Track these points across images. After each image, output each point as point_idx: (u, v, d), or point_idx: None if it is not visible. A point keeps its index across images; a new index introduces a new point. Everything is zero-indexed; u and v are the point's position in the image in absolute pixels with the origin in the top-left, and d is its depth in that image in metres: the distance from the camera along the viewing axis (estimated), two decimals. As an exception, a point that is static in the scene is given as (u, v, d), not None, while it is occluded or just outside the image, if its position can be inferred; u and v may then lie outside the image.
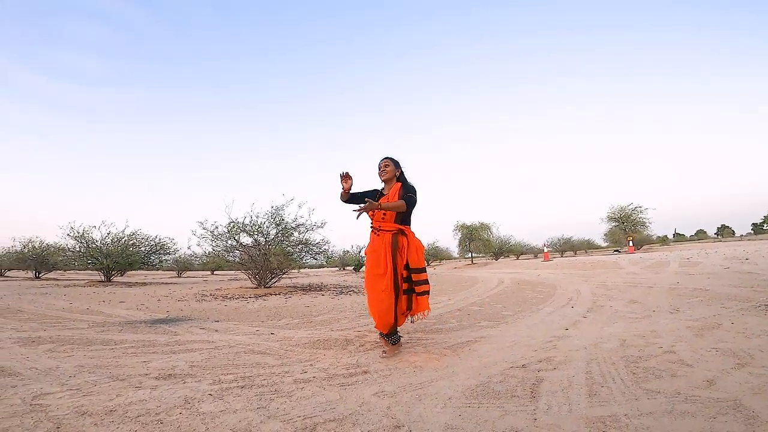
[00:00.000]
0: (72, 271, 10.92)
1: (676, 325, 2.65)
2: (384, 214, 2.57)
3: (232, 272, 17.73)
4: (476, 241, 20.93)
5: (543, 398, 1.55)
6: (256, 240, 8.06)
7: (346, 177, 2.68)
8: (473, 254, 22.76)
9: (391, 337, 2.50)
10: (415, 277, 2.49)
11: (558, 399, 1.53)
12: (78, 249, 10.23)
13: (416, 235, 2.63)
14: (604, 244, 33.06)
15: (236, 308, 5.08)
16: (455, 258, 26.91)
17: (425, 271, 2.57)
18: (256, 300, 6.22)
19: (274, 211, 8.36)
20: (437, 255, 28.24)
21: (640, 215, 24.15)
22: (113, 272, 10.57)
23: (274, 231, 8.23)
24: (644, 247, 27.92)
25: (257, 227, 8.15)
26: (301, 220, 8.41)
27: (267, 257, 7.77)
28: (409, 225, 2.63)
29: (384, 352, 2.44)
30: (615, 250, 27.90)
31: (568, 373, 1.78)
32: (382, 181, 2.77)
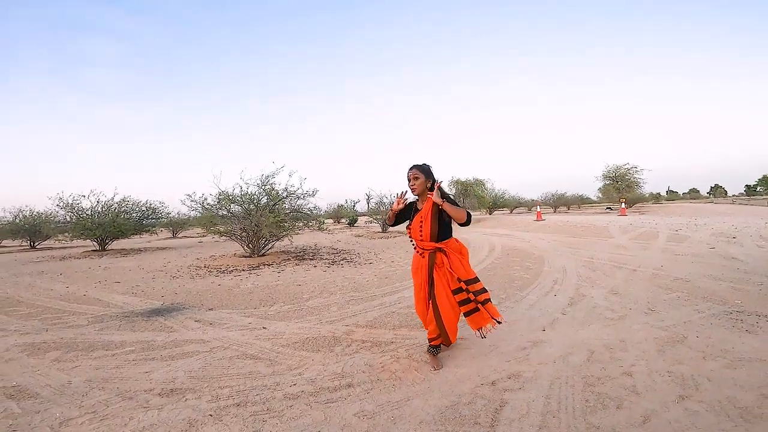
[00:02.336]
0: (66, 238, 10.97)
1: (646, 334, 2.80)
2: (422, 231, 2.47)
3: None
4: (471, 197, 21.01)
5: (500, 427, 1.69)
6: (246, 209, 8.07)
7: (399, 199, 2.54)
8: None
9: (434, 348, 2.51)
10: (471, 287, 2.41)
11: (513, 430, 1.67)
12: (69, 219, 10.23)
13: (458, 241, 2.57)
14: (597, 201, 33.38)
15: (229, 289, 5.23)
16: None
17: (478, 281, 2.48)
18: (249, 275, 6.38)
19: (264, 179, 8.28)
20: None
21: (635, 175, 24.15)
22: (107, 241, 10.68)
23: (265, 200, 8.22)
24: (637, 205, 28.29)
25: (248, 197, 8.12)
26: (291, 189, 8.39)
27: (258, 228, 7.83)
28: (450, 238, 2.53)
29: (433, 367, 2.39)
30: (608, 207, 28.30)
31: (530, 396, 1.93)
32: (415, 195, 2.59)
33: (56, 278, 6.75)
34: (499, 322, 2.42)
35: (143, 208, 11.57)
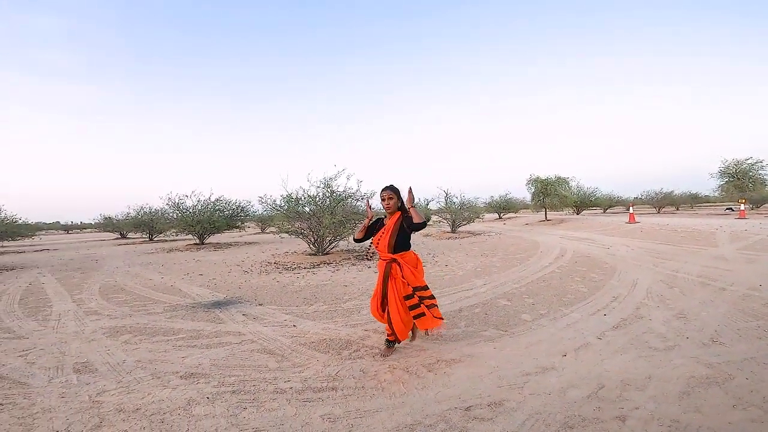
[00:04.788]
0: (175, 232, 13.18)
1: (684, 370, 2.37)
2: (379, 242, 2.90)
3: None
4: (551, 196, 19.39)
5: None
6: (311, 210, 8.70)
7: (369, 213, 3.06)
8: (548, 211, 21.23)
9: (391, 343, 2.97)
10: (420, 294, 2.84)
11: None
12: (175, 216, 12.25)
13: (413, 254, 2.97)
14: (714, 201, 28.00)
15: (284, 286, 5.75)
16: (529, 207, 25.48)
17: (428, 289, 2.90)
18: (306, 273, 6.90)
19: (326, 181, 8.83)
20: (509, 207, 27.00)
21: (759, 171, 19.52)
22: (205, 235, 12.51)
23: (328, 201, 8.77)
24: (765, 206, 23.03)
25: (311, 198, 8.75)
26: (350, 191, 8.79)
27: (320, 228, 8.39)
28: (407, 251, 2.93)
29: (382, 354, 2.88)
30: (728, 208, 23.56)
31: (494, 429, 1.82)
32: (388, 213, 2.96)
33: (157, 269, 8.18)
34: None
35: (233, 207, 13.23)
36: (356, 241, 3.00)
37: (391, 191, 2.91)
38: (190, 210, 12.31)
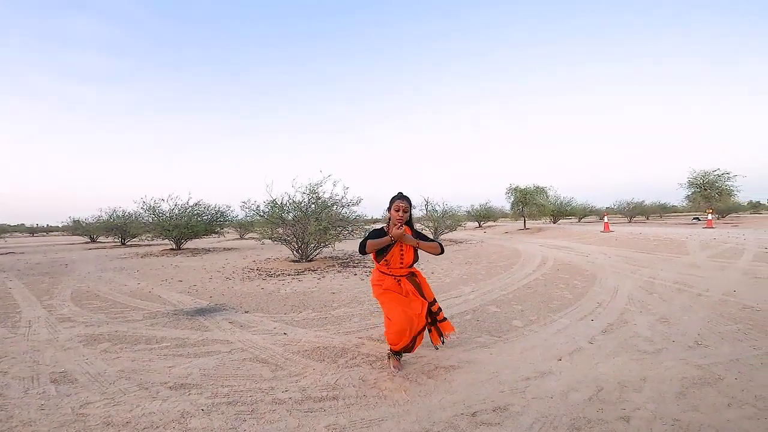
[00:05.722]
0: (150, 237, 12.66)
1: (676, 372, 2.46)
2: (402, 259, 2.71)
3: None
4: (530, 205, 19.90)
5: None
6: (295, 216, 8.57)
7: (402, 224, 2.72)
8: (526, 219, 21.76)
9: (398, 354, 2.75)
10: (433, 308, 2.80)
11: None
12: (150, 220, 11.79)
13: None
14: (683, 210, 29.51)
15: (270, 293, 5.61)
16: (508, 215, 26.08)
17: (436, 302, 2.86)
18: (292, 280, 6.76)
19: (311, 187, 8.74)
20: (489, 215, 27.54)
21: (726, 182, 20.77)
22: (182, 241, 12.09)
23: (313, 207, 8.66)
24: (731, 215, 24.49)
25: (296, 204, 8.62)
26: (336, 198, 8.73)
27: (305, 234, 8.26)
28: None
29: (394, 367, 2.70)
30: (695, 218, 24.89)
31: None
32: (396, 227, 2.64)
33: (132, 275, 7.81)
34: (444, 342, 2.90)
35: (212, 212, 12.87)
36: (365, 253, 2.67)
37: (408, 203, 2.71)
38: (167, 214, 11.88)
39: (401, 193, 2.73)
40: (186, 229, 11.49)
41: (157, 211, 11.76)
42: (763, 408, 1.92)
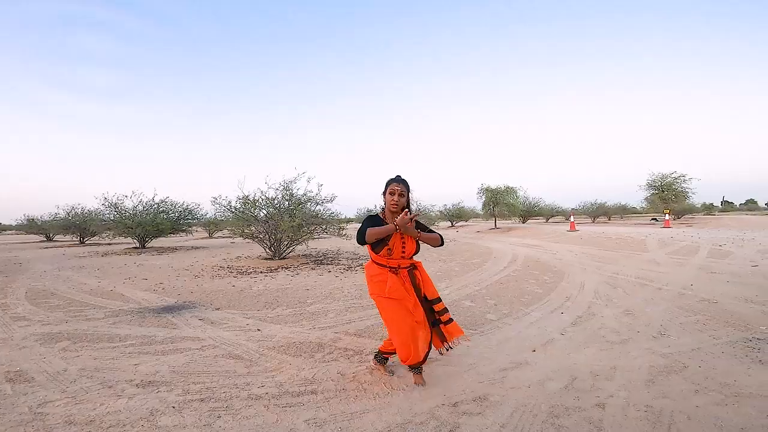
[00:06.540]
0: (111, 235, 11.95)
1: (643, 360, 2.58)
2: (404, 249, 2.31)
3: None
4: (501, 205, 20.44)
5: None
6: (268, 213, 8.36)
7: (410, 215, 2.23)
8: (497, 219, 22.34)
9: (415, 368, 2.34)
10: (435, 307, 2.37)
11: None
12: (112, 218, 11.13)
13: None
14: (642, 211, 31.30)
15: (241, 290, 5.44)
16: (480, 216, 26.70)
17: (441, 300, 2.43)
18: (265, 277, 6.59)
19: (285, 184, 8.55)
20: (461, 215, 28.10)
21: (682, 185, 22.24)
22: (146, 239, 11.49)
23: (287, 204, 8.48)
24: (685, 216, 26.20)
25: (269, 201, 8.41)
26: (310, 194, 8.59)
27: (277, 231, 8.07)
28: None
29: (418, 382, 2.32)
30: (653, 219, 26.43)
31: (485, 422, 1.83)
32: (391, 212, 2.37)
33: (92, 273, 7.36)
34: (450, 348, 2.40)
35: (180, 209, 12.33)
36: (364, 243, 2.23)
37: (405, 186, 2.35)
38: (130, 211, 11.26)
39: (399, 176, 2.38)
40: (151, 227, 10.92)
41: (119, 208, 11.11)
42: (729, 395, 2.04)
